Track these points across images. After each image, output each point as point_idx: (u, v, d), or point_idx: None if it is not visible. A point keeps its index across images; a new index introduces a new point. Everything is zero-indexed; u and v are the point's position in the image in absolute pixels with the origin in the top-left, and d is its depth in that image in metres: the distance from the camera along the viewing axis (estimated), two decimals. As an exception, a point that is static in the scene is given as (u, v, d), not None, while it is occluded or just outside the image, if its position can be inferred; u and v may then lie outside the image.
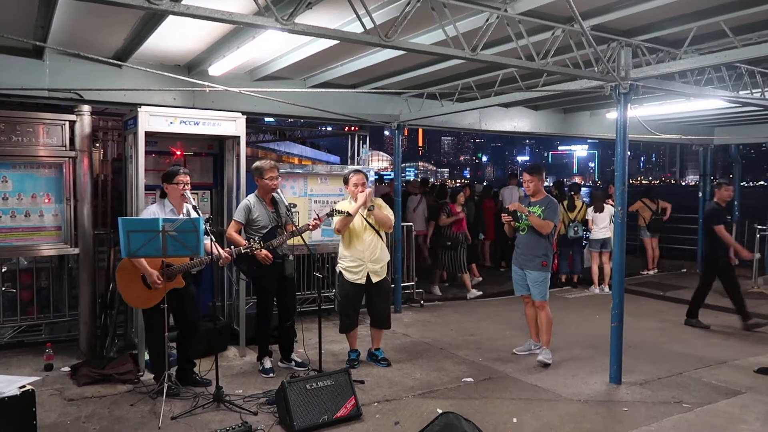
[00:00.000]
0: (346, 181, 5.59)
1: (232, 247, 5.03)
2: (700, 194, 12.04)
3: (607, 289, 9.27)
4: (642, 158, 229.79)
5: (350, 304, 5.56)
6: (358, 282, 5.49)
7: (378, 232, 5.52)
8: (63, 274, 6.46)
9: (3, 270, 6.24)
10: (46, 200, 5.91)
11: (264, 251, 5.08)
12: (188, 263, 4.79)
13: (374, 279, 5.51)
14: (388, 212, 5.57)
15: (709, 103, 7.98)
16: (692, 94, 6.05)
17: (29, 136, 5.75)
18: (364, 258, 5.47)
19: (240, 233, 5.35)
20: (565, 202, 9.55)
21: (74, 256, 6.14)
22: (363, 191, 5.39)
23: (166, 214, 4.84)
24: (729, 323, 7.55)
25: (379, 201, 5.69)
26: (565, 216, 9.49)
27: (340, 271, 5.62)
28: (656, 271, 11.47)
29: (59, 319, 6.39)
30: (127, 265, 4.75)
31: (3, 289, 6.19)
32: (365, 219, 5.47)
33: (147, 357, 5.30)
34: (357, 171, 5.59)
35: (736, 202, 12.30)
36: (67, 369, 5.42)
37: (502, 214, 6.05)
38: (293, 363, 5.61)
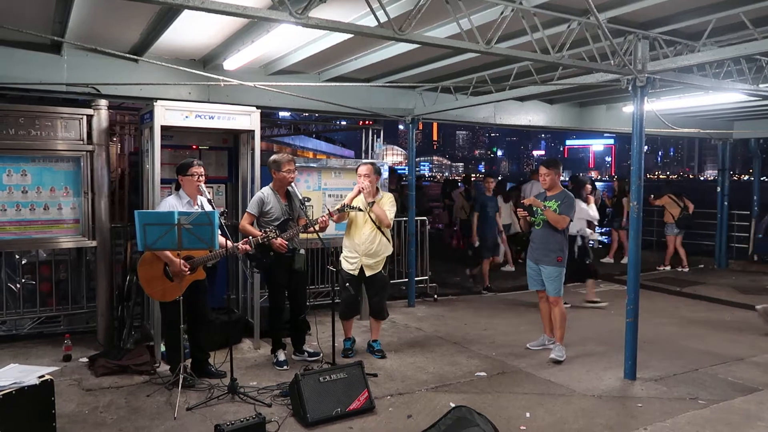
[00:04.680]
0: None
1: (250, 237, 5.07)
2: (719, 189, 11.88)
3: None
4: (660, 153, 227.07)
5: (347, 293, 5.65)
6: (353, 272, 5.60)
7: (379, 227, 5.56)
8: (81, 267, 6.55)
9: (23, 262, 6.36)
10: (65, 193, 5.99)
11: (279, 239, 5.13)
12: (209, 255, 4.84)
13: (367, 273, 5.59)
14: (387, 209, 5.59)
15: (729, 96, 7.86)
16: (711, 87, 5.97)
17: (48, 130, 5.83)
18: (359, 251, 5.55)
19: (253, 225, 5.40)
20: None
21: (92, 248, 6.23)
22: (366, 181, 5.49)
23: (183, 206, 4.89)
24: (745, 319, 7.46)
25: (387, 197, 5.70)
26: None
27: (340, 260, 5.72)
28: (684, 267, 11.23)
29: (77, 310, 6.50)
30: (149, 258, 4.80)
31: (23, 280, 6.31)
32: (367, 213, 5.51)
33: (163, 348, 5.37)
34: (366, 162, 5.71)
35: (755, 197, 12.14)
36: (85, 360, 5.51)
37: (518, 209, 6.04)
38: (306, 354, 5.66)
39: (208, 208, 4.94)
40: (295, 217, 5.48)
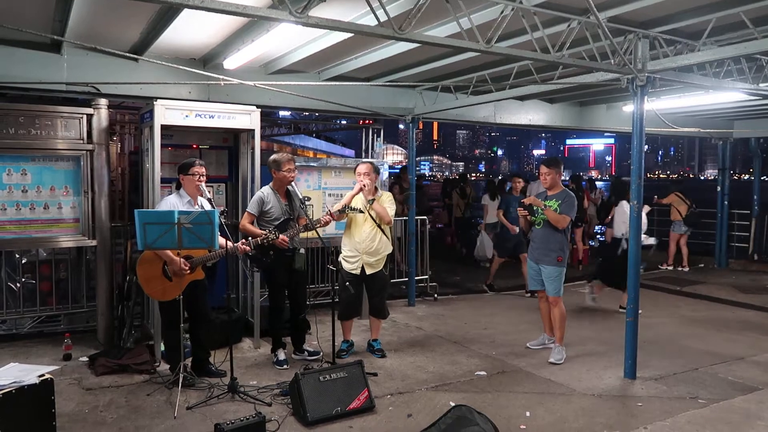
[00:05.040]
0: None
1: (249, 238, 5.07)
2: (719, 188, 11.88)
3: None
4: (660, 152, 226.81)
5: (347, 293, 5.61)
6: (354, 272, 5.57)
7: (379, 225, 5.55)
8: (81, 266, 6.56)
9: (23, 261, 6.36)
10: (65, 193, 5.99)
11: (281, 236, 5.13)
12: (208, 255, 4.84)
13: (368, 271, 5.58)
14: (388, 206, 5.58)
15: (729, 95, 7.85)
16: (711, 86, 5.96)
17: (48, 130, 5.83)
18: (360, 249, 5.53)
19: (253, 225, 5.39)
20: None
21: (92, 248, 6.23)
22: (367, 179, 5.47)
23: (183, 206, 4.89)
24: (746, 318, 7.47)
25: (387, 196, 5.70)
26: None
27: (340, 260, 5.70)
28: (684, 267, 11.19)
29: (77, 309, 6.50)
30: (148, 258, 4.80)
31: (23, 280, 6.31)
32: (367, 211, 5.50)
33: (163, 348, 5.37)
34: (365, 161, 5.70)
35: (755, 197, 12.14)
36: (85, 359, 5.51)
37: (518, 208, 6.01)
38: (306, 353, 5.66)
39: (208, 208, 4.94)
40: (295, 217, 5.48)
